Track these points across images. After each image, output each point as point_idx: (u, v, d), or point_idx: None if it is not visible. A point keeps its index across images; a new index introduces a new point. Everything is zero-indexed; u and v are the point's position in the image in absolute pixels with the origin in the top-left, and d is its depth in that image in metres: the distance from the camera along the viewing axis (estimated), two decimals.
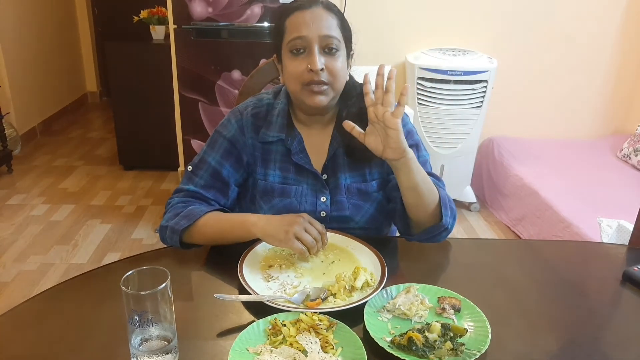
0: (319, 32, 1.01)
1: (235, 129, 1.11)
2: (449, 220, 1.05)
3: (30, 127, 4.10)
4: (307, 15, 1.01)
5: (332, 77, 1.02)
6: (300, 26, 1.01)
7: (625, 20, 3.04)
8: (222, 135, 1.12)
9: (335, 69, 1.02)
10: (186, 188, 1.10)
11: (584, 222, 2.19)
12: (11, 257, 2.46)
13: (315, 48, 1.01)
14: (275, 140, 1.11)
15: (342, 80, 1.06)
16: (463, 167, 2.97)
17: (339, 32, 1.04)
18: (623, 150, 2.94)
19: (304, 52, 1.02)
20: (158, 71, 3.11)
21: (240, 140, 1.11)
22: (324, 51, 1.02)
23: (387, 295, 0.88)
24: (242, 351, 0.74)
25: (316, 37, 1.01)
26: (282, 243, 0.95)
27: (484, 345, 0.77)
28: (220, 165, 1.11)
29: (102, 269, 1.03)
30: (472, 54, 2.83)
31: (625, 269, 1.00)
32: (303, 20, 1.01)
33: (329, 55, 1.02)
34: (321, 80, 1.01)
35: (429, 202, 1.03)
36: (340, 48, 1.04)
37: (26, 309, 0.87)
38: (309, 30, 1.01)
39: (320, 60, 1.00)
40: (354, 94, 1.12)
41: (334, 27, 1.03)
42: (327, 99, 1.04)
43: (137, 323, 0.71)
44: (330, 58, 1.02)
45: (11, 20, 3.83)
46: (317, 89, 1.02)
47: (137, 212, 2.95)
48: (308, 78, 1.01)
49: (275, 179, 1.12)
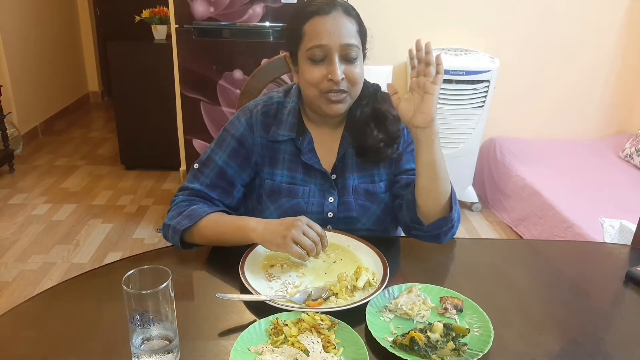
0: (340, 41, 0.99)
1: (244, 127, 1.10)
2: (455, 216, 1.03)
3: (32, 127, 4.10)
4: (328, 22, 0.99)
5: (351, 85, 1.02)
6: (321, 34, 0.99)
7: (627, 20, 3.03)
8: (230, 134, 1.11)
9: (354, 77, 1.01)
10: (191, 186, 1.10)
11: (587, 222, 2.18)
12: (13, 257, 2.46)
13: (335, 57, 0.99)
14: (286, 139, 1.10)
15: (361, 86, 1.05)
16: (465, 167, 2.96)
17: (358, 37, 1.02)
18: (625, 150, 2.94)
19: (324, 60, 1.01)
20: (160, 71, 3.11)
21: (249, 139, 1.10)
22: (344, 59, 1.00)
23: (389, 295, 0.88)
24: (243, 351, 0.74)
25: (337, 46, 0.99)
26: (280, 248, 0.94)
27: (486, 346, 0.76)
28: (227, 165, 1.10)
29: (103, 269, 1.03)
30: (474, 54, 2.83)
31: (628, 269, 1.00)
32: (324, 28, 0.99)
33: (348, 63, 1.01)
34: (340, 89, 1.01)
35: (442, 190, 1.01)
36: (359, 54, 1.03)
37: (27, 309, 0.87)
38: (330, 39, 0.98)
39: (340, 69, 0.99)
40: (367, 94, 1.11)
41: (353, 34, 1.01)
42: (345, 106, 1.04)
43: (139, 322, 0.70)
44: (350, 66, 1.01)
45: (14, 20, 3.84)
46: (336, 97, 1.01)
47: (138, 212, 2.95)
48: (327, 87, 1.01)
49: (283, 179, 1.11)
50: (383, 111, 1.10)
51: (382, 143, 1.09)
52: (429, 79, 0.95)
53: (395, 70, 2.94)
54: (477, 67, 2.70)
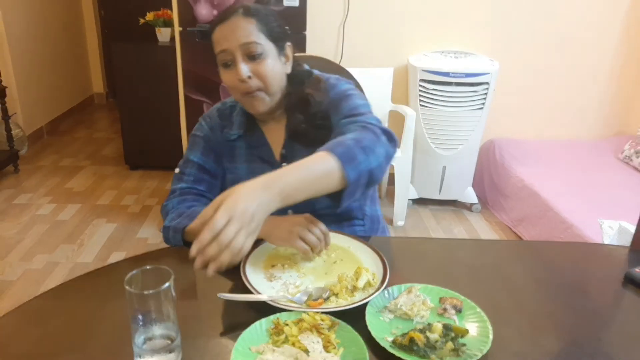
0: (239, 42, 1.03)
1: (206, 129, 1.19)
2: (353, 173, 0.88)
3: (37, 128, 4.12)
4: (226, 27, 1.04)
5: (262, 82, 1.06)
6: (221, 40, 1.05)
7: (627, 21, 3.03)
8: (198, 136, 1.19)
9: (262, 73, 1.05)
10: (178, 187, 1.15)
11: (585, 223, 2.18)
12: (17, 256, 2.48)
13: (239, 58, 1.04)
14: (237, 137, 1.17)
15: (275, 79, 1.08)
16: (464, 169, 2.97)
17: (261, 34, 1.05)
18: (624, 152, 2.93)
19: (232, 64, 1.05)
20: (163, 73, 3.12)
21: (213, 138, 1.18)
22: (248, 58, 1.05)
23: (388, 296, 0.89)
24: (244, 350, 0.75)
25: (237, 47, 1.04)
26: (286, 243, 0.97)
27: (485, 346, 0.77)
28: (204, 161, 1.17)
29: (107, 268, 1.04)
30: (473, 56, 2.83)
31: (626, 271, 1.00)
32: (223, 34, 1.05)
33: (253, 60, 1.05)
34: (252, 88, 1.05)
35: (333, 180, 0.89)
36: (266, 50, 1.06)
37: (31, 307, 0.88)
38: (229, 42, 1.04)
39: (245, 68, 1.04)
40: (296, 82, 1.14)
41: (254, 32, 1.04)
42: (263, 103, 1.08)
43: (141, 322, 0.71)
44: (256, 63, 1.05)
45: (19, 22, 3.86)
46: (252, 96, 1.07)
47: (142, 212, 2.97)
48: (242, 88, 1.06)
49: (242, 172, 1.17)
50: (304, 96, 1.12)
51: (305, 126, 1.12)
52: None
53: (395, 73, 2.95)
54: (476, 69, 2.71)
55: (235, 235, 0.74)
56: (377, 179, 0.96)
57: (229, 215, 0.75)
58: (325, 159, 0.88)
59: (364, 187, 0.93)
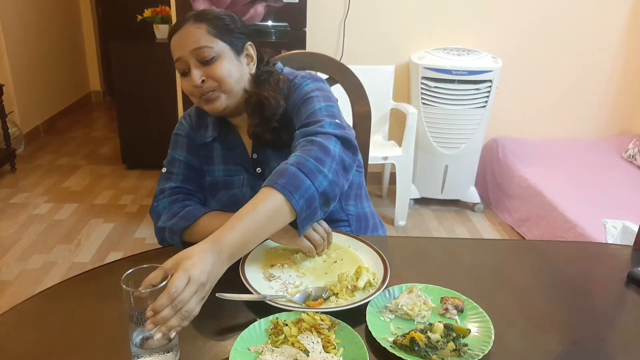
0: (189, 48, 1.04)
1: (187, 129, 1.18)
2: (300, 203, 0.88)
3: (34, 126, 4.11)
4: (178, 37, 1.05)
5: (216, 83, 1.05)
6: (175, 49, 1.06)
7: (631, 20, 3.02)
8: (180, 135, 1.18)
9: (216, 75, 1.04)
10: (167, 186, 1.12)
11: (589, 223, 2.18)
12: (14, 256, 2.46)
13: (192, 65, 1.04)
14: (212, 139, 1.16)
15: (232, 80, 1.06)
16: (467, 168, 2.96)
17: (213, 38, 1.05)
18: (628, 151, 2.93)
19: (188, 71, 1.05)
20: (161, 70, 3.11)
21: (194, 137, 1.18)
22: (201, 63, 1.04)
23: (389, 295, 0.88)
24: (243, 351, 0.74)
25: (188, 54, 1.04)
26: (290, 242, 0.97)
27: (487, 346, 0.76)
28: (190, 160, 1.16)
29: (104, 268, 1.03)
30: (476, 54, 2.82)
31: (630, 270, 0.99)
32: (177, 43, 1.06)
33: (206, 64, 1.04)
34: (207, 90, 1.05)
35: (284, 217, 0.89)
36: (219, 52, 1.05)
37: (28, 308, 0.87)
38: (181, 50, 1.04)
39: (197, 74, 1.04)
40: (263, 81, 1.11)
41: (204, 37, 1.04)
42: (220, 102, 1.07)
43: (138, 321, 0.70)
44: (209, 67, 1.04)
45: (16, 20, 3.85)
46: (207, 97, 1.06)
47: (140, 212, 2.95)
48: (198, 92, 1.06)
49: (219, 174, 1.16)
50: (259, 97, 1.09)
51: (262, 129, 1.09)
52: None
53: (396, 70, 2.94)
54: (479, 67, 2.70)
55: (189, 299, 0.72)
56: (334, 196, 0.93)
57: (187, 277, 0.73)
58: (269, 195, 0.86)
59: (321, 208, 0.92)
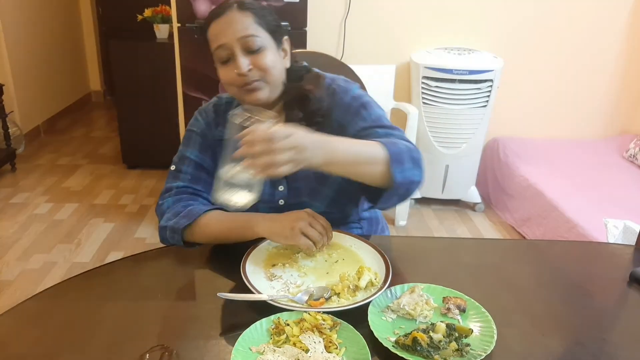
0: (236, 36, 1.02)
1: (203, 125, 1.16)
2: (400, 176, 0.93)
3: (34, 126, 4.10)
4: (222, 22, 1.03)
5: (262, 72, 1.04)
6: (218, 35, 1.03)
7: (632, 19, 3.02)
8: (194, 132, 1.16)
9: (263, 65, 1.03)
10: (174, 185, 1.12)
11: (590, 222, 2.17)
12: (14, 256, 2.46)
13: (238, 52, 1.02)
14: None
15: (276, 71, 1.06)
16: (468, 167, 2.95)
17: (259, 27, 1.04)
18: (629, 151, 2.93)
19: (230, 59, 1.03)
20: (162, 70, 3.11)
21: (209, 134, 1.15)
22: (247, 51, 1.03)
23: (391, 295, 0.88)
24: (245, 350, 0.74)
25: (235, 41, 1.02)
26: (289, 240, 0.96)
27: (489, 346, 0.76)
28: (201, 159, 1.14)
29: (105, 268, 1.03)
30: (477, 53, 2.82)
31: (631, 270, 0.99)
32: (220, 28, 1.03)
33: (253, 53, 1.03)
34: (252, 80, 1.03)
35: (375, 172, 0.94)
36: (265, 43, 1.04)
37: (29, 307, 0.87)
38: (226, 36, 1.02)
39: (245, 62, 1.02)
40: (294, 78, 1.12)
41: (252, 25, 1.03)
42: (264, 93, 1.05)
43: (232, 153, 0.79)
44: (255, 55, 1.03)
45: (16, 19, 3.84)
46: (251, 87, 1.04)
47: (140, 211, 2.95)
48: (240, 81, 1.04)
49: None
50: (303, 92, 1.10)
51: (305, 123, 1.07)
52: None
53: (397, 70, 2.94)
54: (480, 66, 2.69)
55: (283, 150, 0.77)
56: (409, 194, 0.98)
57: (292, 132, 0.79)
58: (377, 148, 0.91)
59: (400, 197, 0.96)
